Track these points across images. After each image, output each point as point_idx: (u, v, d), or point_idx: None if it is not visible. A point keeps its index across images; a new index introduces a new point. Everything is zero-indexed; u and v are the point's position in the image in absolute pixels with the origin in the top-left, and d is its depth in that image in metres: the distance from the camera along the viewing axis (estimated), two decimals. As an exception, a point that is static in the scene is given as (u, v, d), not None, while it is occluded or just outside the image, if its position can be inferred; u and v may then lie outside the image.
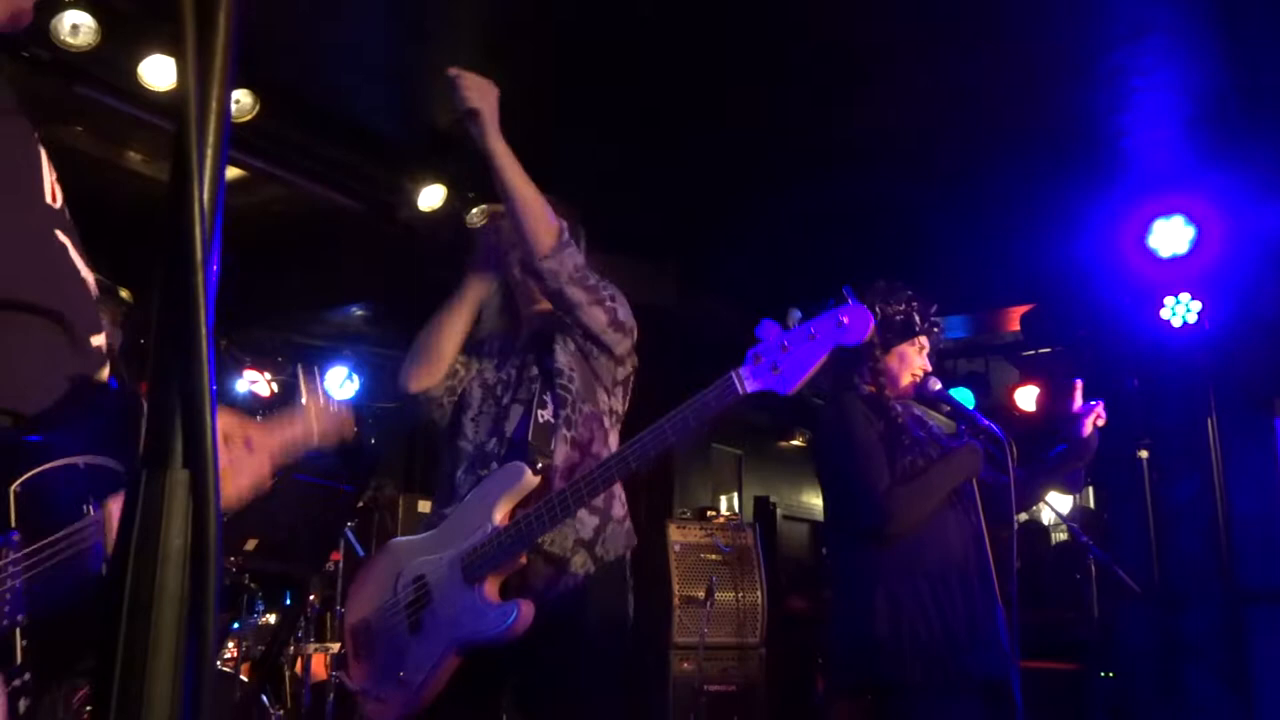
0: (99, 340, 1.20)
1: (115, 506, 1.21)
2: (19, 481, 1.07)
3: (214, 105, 0.54)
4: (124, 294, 3.09)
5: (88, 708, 3.64)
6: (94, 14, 3.61)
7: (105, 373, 1.22)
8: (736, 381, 2.00)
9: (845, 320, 1.95)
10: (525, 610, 2.08)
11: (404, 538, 2.40)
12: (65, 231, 1.18)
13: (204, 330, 0.53)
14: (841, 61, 4.12)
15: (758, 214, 5.32)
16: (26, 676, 1.08)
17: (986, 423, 2.69)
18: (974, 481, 2.67)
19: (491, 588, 2.13)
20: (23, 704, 1.05)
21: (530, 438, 2.23)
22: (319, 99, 4.54)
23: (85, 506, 1.14)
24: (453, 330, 2.40)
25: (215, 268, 0.54)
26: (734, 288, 6.11)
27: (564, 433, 2.28)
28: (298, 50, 4.13)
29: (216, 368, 0.56)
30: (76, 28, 3.57)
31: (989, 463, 2.70)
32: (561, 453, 2.26)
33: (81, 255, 1.18)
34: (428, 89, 4.64)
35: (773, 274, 5.75)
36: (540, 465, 2.19)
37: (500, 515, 2.15)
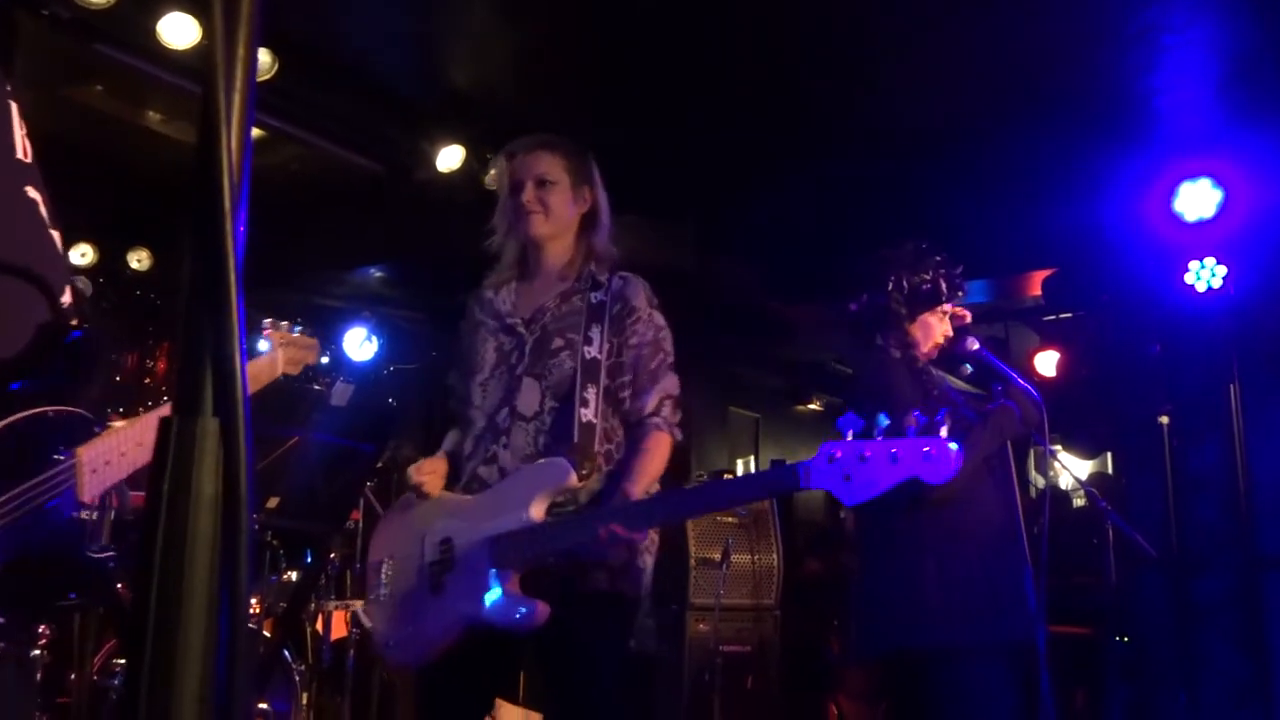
0: (68, 297, 1.22)
1: (86, 453, 1.27)
2: None
3: (241, 55, 0.53)
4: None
5: (115, 661, 3.70)
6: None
7: (73, 324, 1.24)
8: (803, 475, 1.94)
9: (932, 453, 1.84)
10: (541, 612, 2.10)
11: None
12: (36, 187, 1.18)
13: (233, 280, 0.53)
14: (865, 23, 4.06)
15: (777, 176, 5.27)
16: (1, 620, 1.11)
17: (1023, 384, 2.66)
18: (1008, 443, 2.66)
19: (514, 580, 2.14)
20: None
21: (576, 438, 2.20)
22: (338, 59, 4.52)
23: (55, 454, 1.18)
24: None
25: (244, 216, 0.54)
26: (753, 252, 6.08)
27: (602, 429, 2.27)
28: (317, 9, 4.11)
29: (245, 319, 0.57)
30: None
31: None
32: (599, 451, 2.26)
33: (50, 210, 1.19)
34: (446, 49, 4.61)
35: (793, 237, 5.71)
36: (586, 470, 2.18)
37: (537, 510, 2.15)
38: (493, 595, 2.13)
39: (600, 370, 2.28)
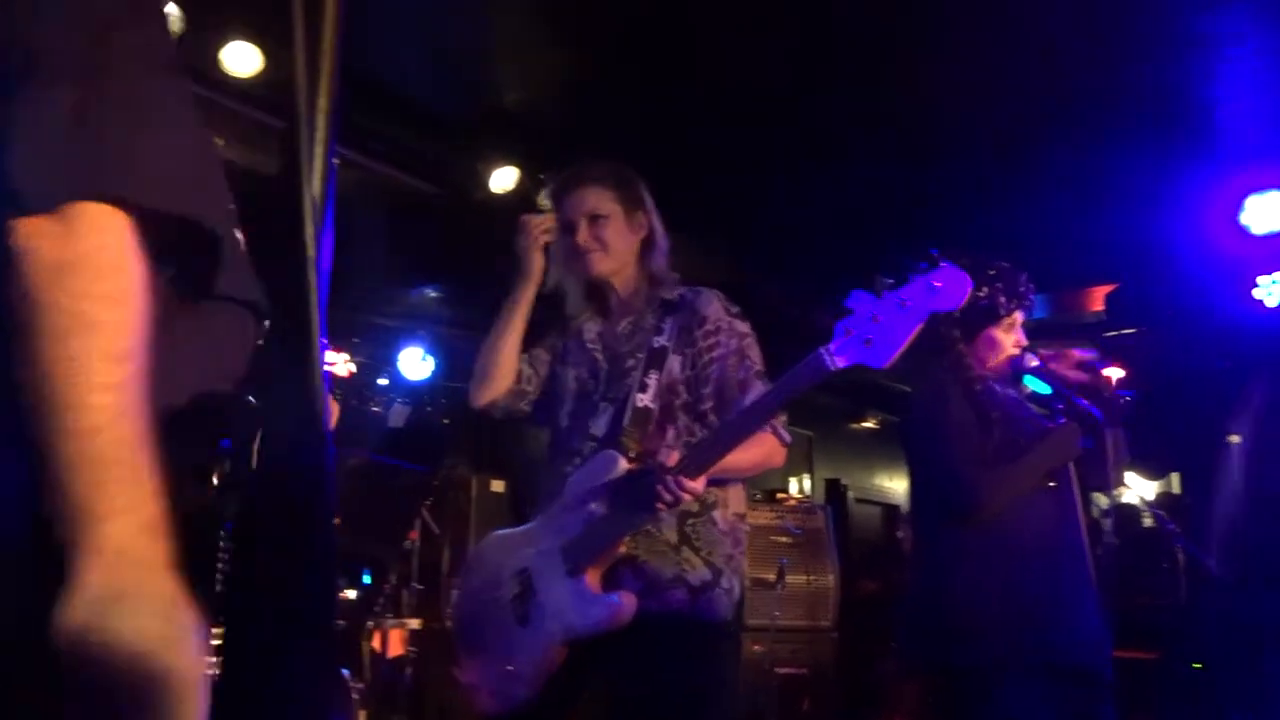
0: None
1: None
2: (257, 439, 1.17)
3: (322, 100, 0.53)
4: None
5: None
6: (179, 1, 3.69)
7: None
8: (826, 357, 1.89)
9: (939, 285, 1.83)
10: (627, 601, 2.04)
11: (505, 530, 2.39)
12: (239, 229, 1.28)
13: (316, 324, 0.53)
14: (909, 26, 4.00)
15: (824, 188, 5.22)
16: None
17: (1084, 403, 2.59)
18: (1071, 463, 2.59)
19: (593, 578, 2.10)
20: None
21: (626, 423, 2.17)
22: (387, 82, 4.57)
23: None
24: (506, 343, 2.40)
25: (328, 260, 0.54)
26: (801, 266, 6.04)
27: (659, 420, 2.21)
28: (364, 33, 4.16)
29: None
30: (165, 17, 3.64)
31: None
32: (655, 440, 2.20)
33: None
34: (496, 69, 4.65)
35: (841, 249, 5.64)
36: (634, 453, 2.14)
37: (597, 505, 2.12)
38: (575, 601, 2.09)
39: (666, 358, 2.23)
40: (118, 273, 0.71)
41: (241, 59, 3.97)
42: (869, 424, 8.94)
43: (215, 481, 1.00)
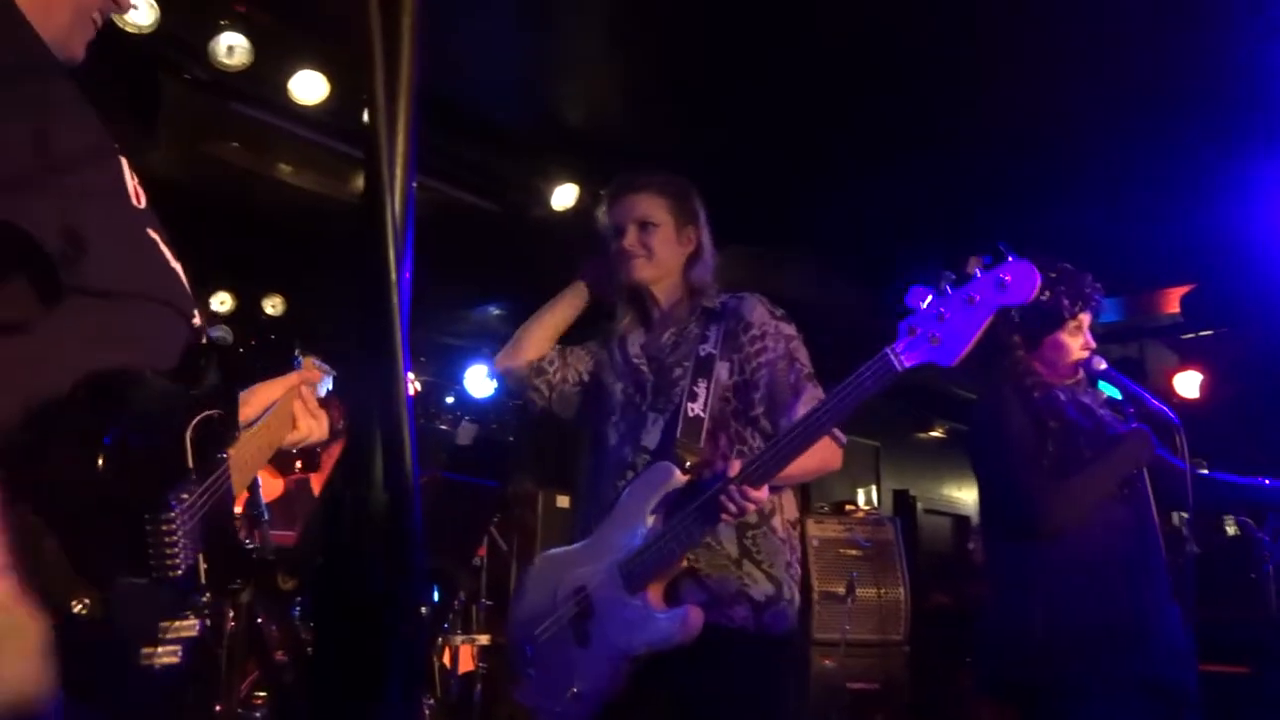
0: (198, 320, 1.33)
1: (234, 454, 1.37)
2: (190, 427, 1.19)
3: (402, 120, 0.54)
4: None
5: (256, 693, 3.82)
6: (248, 34, 3.79)
7: (206, 341, 1.36)
8: (893, 358, 1.84)
9: (1007, 279, 1.77)
10: (694, 615, 2.01)
11: (556, 549, 2.36)
12: (154, 229, 1.31)
13: (399, 347, 0.53)
14: (974, 21, 3.93)
15: (883, 196, 5.15)
16: (206, 596, 1.20)
17: (1157, 405, 2.51)
18: (1145, 470, 2.51)
19: (655, 594, 2.06)
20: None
21: (679, 433, 2.15)
22: (449, 101, 4.63)
23: (219, 454, 1.27)
24: (542, 321, 2.49)
25: (408, 279, 0.54)
26: (868, 276, 5.97)
27: (710, 429, 2.18)
28: (425, 50, 4.22)
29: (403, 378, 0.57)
30: (232, 49, 3.75)
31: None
32: (709, 450, 2.16)
33: (170, 249, 1.30)
34: (557, 87, 4.69)
35: (899, 258, 5.56)
36: (689, 464, 2.10)
37: (654, 519, 2.08)
38: (639, 618, 2.05)
39: (714, 365, 2.22)
40: None
41: (308, 87, 4.06)
42: (936, 433, 8.79)
43: (101, 463, 1.02)
